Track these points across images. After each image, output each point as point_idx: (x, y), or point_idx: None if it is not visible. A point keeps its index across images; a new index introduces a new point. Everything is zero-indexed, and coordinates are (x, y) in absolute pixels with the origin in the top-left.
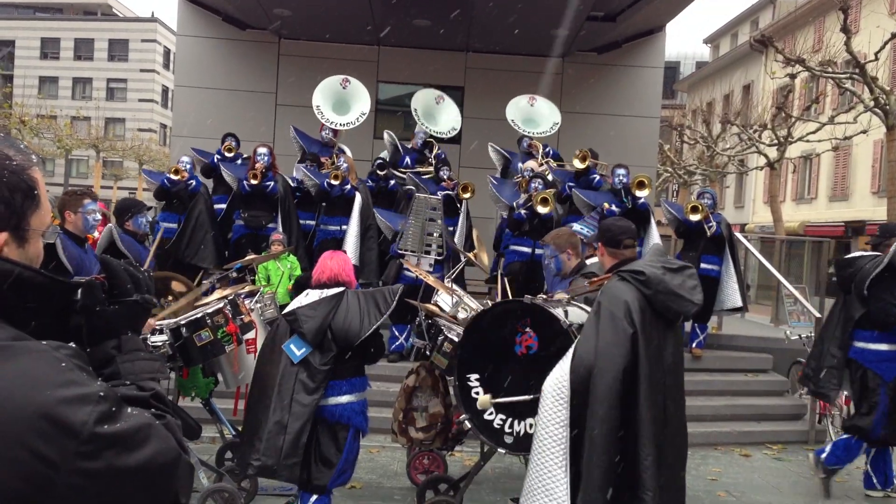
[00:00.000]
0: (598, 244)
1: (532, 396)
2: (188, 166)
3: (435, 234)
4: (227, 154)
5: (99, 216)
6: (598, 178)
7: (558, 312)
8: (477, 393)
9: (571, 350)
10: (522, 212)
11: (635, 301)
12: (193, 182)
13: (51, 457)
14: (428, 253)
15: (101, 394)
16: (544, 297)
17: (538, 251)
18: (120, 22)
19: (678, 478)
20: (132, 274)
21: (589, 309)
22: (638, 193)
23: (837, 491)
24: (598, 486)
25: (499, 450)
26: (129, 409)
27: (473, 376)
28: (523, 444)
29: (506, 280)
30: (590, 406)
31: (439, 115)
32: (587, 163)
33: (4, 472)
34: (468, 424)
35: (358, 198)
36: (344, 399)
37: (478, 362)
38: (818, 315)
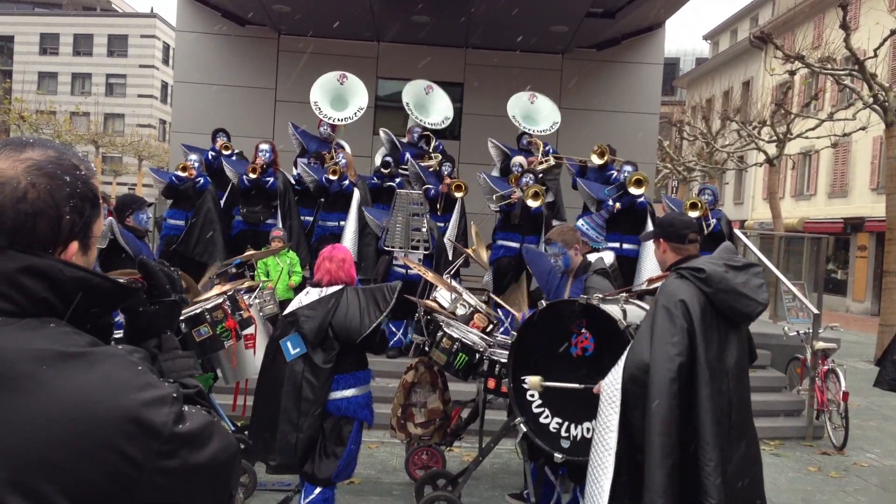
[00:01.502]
0: (659, 240)
1: (583, 386)
2: (196, 164)
3: (421, 229)
4: (224, 152)
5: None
6: (615, 174)
7: (615, 312)
8: (532, 395)
9: (626, 352)
10: (502, 206)
11: (694, 299)
12: (201, 179)
13: (136, 457)
14: (415, 248)
15: (174, 395)
16: (600, 295)
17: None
18: (119, 17)
19: (755, 489)
20: (168, 274)
21: (646, 306)
22: (633, 191)
23: (833, 486)
24: (661, 491)
25: (556, 455)
26: (188, 408)
27: (528, 378)
28: (580, 449)
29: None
30: (648, 407)
31: (431, 105)
32: (605, 158)
33: (93, 472)
34: (524, 428)
35: (356, 194)
36: (349, 393)
37: (532, 364)
38: (816, 311)
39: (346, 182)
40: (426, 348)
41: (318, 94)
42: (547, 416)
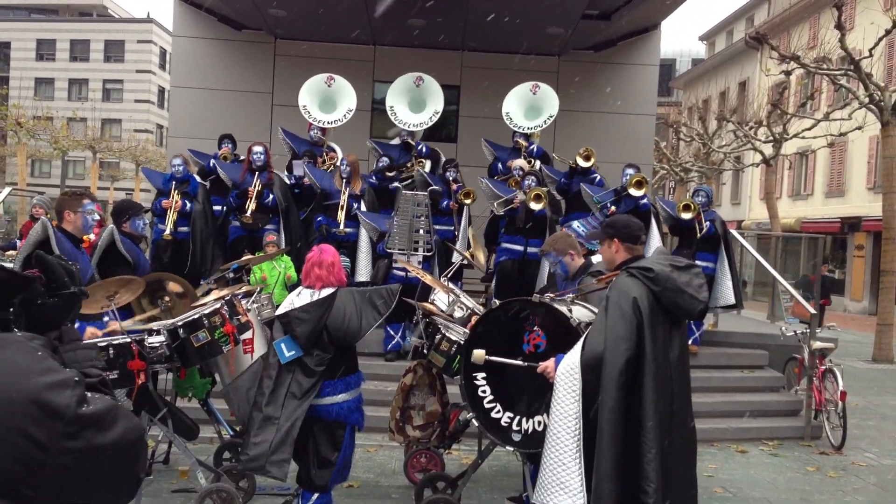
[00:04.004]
0: (612, 240)
1: (527, 364)
2: (182, 167)
3: (422, 232)
4: (227, 157)
5: (97, 216)
6: (598, 177)
7: (565, 311)
8: (483, 391)
9: (580, 343)
10: (504, 211)
11: (643, 297)
12: (189, 205)
13: (41, 438)
14: (416, 250)
15: (76, 378)
16: (551, 295)
17: (530, 249)
18: (115, 23)
19: (690, 473)
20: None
21: (593, 307)
22: (633, 192)
23: (831, 486)
24: (608, 476)
25: (507, 447)
26: (90, 394)
27: (480, 375)
28: (532, 442)
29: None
30: (600, 397)
31: (423, 98)
32: (591, 161)
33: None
34: (475, 422)
35: (362, 206)
36: (340, 398)
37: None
38: (813, 311)
39: (355, 206)
40: (424, 351)
41: (306, 98)
42: (498, 411)
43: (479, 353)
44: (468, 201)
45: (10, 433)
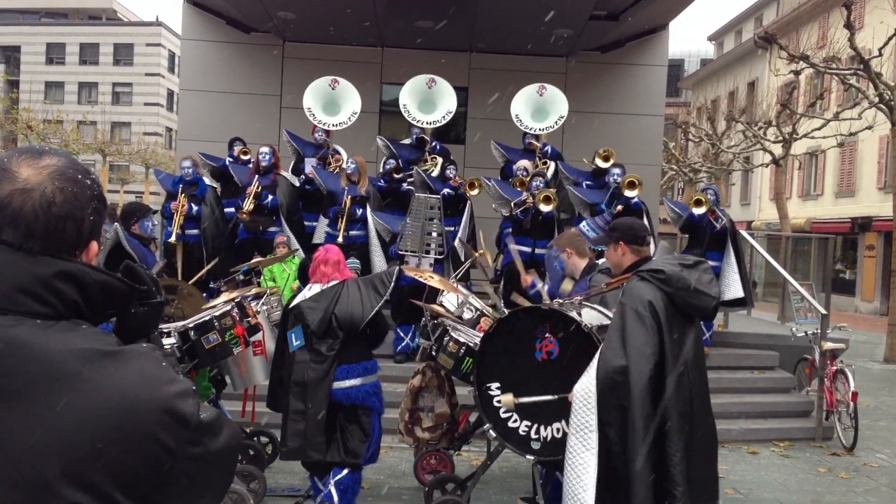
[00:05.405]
0: (618, 243)
1: (556, 397)
2: (191, 169)
3: (434, 234)
4: (243, 157)
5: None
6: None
7: (574, 315)
8: (499, 402)
9: (597, 355)
10: (517, 212)
11: (658, 299)
12: (196, 208)
13: (170, 445)
14: (428, 253)
15: (193, 388)
16: (560, 301)
17: (538, 250)
18: (124, 26)
19: (711, 470)
20: (150, 276)
21: (602, 309)
22: (627, 193)
23: (842, 487)
24: (649, 485)
25: (527, 457)
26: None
27: (494, 385)
28: (551, 450)
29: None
30: (629, 408)
31: (435, 100)
32: (610, 162)
33: (135, 460)
34: (493, 434)
35: (369, 210)
36: (357, 381)
37: (498, 370)
38: (824, 312)
39: (360, 212)
40: (433, 353)
41: (310, 101)
42: (515, 420)
43: (507, 399)
44: (473, 192)
45: (145, 440)
